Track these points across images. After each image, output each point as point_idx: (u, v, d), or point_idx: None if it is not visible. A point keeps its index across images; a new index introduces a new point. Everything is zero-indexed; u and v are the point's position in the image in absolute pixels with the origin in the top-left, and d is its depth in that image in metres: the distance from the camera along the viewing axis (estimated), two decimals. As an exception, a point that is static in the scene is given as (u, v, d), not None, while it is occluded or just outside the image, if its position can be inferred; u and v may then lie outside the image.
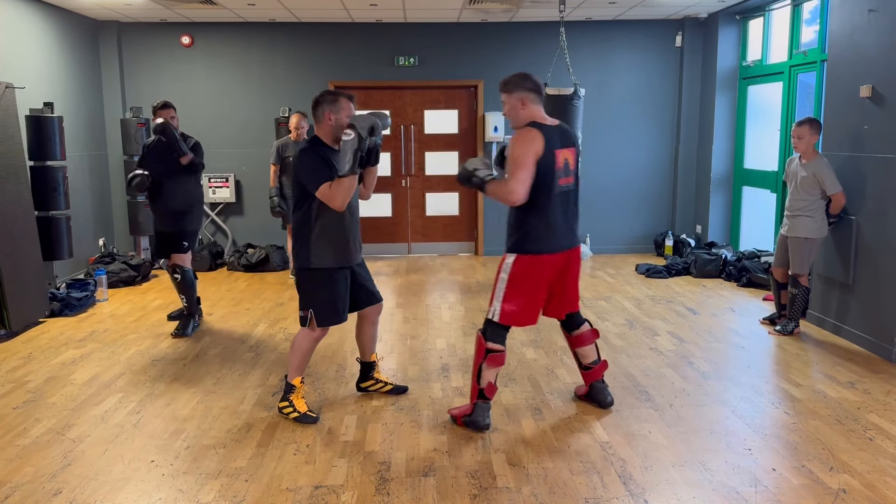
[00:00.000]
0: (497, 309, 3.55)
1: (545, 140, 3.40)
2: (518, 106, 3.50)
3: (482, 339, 3.59)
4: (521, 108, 3.50)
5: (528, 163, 3.36)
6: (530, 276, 3.52)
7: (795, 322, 5.31)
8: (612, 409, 3.91)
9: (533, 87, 3.49)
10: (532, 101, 3.50)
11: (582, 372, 3.96)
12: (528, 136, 3.41)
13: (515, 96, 3.50)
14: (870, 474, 3.16)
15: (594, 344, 3.93)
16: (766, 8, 7.41)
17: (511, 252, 3.55)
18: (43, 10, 7.04)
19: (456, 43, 8.51)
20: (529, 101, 3.49)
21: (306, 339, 3.77)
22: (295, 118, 6.99)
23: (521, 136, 3.43)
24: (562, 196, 3.51)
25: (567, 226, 3.57)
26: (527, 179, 3.37)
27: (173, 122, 5.38)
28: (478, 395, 3.62)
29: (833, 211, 5.12)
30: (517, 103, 3.50)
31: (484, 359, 3.57)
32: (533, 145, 3.38)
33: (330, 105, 3.63)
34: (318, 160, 3.55)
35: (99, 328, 5.64)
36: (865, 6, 4.97)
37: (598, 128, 8.44)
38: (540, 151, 3.38)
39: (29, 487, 3.10)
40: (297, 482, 3.13)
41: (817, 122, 5.14)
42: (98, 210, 8.02)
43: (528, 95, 3.49)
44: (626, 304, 6.34)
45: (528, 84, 3.49)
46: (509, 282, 3.53)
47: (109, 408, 4.00)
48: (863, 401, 4.02)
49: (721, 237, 8.34)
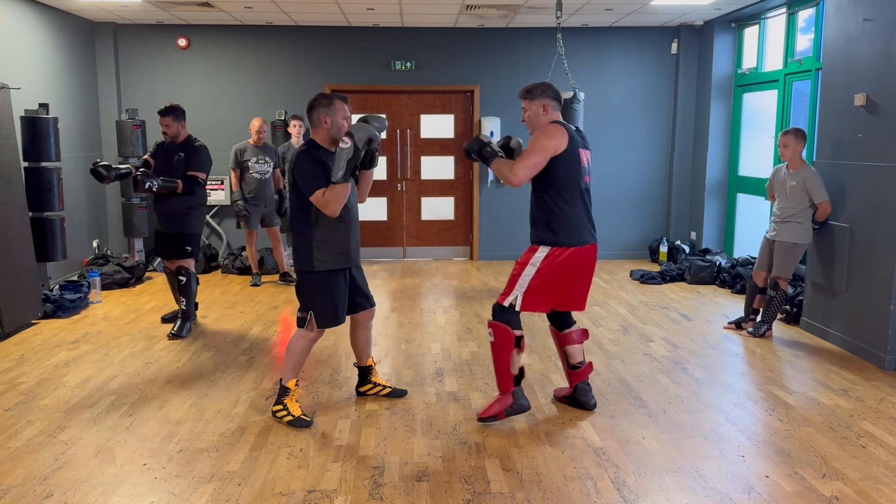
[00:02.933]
0: (519, 297, 3.65)
1: (570, 137, 3.60)
2: (540, 112, 3.70)
3: (507, 328, 3.66)
4: (543, 114, 3.70)
5: (543, 152, 3.54)
6: (560, 267, 3.66)
7: (768, 325, 5.40)
8: (606, 415, 3.91)
9: (555, 95, 3.72)
10: (553, 109, 3.71)
11: (568, 372, 4.01)
12: (554, 130, 3.60)
13: (538, 103, 3.70)
14: (862, 482, 3.17)
15: (581, 344, 3.98)
16: (761, 16, 7.45)
17: (543, 244, 3.66)
18: (39, 10, 7.02)
19: (452, 48, 8.53)
20: (551, 107, 3.70)
21: (303, 340, 3.77)
22: (257, 122, 7.03)
23: (548, 128, 3.62)
24: (586, 193, 3.73)
25: (590, 222, 3.76)
26: (534, 167, 3.54)
27: (169, 131, 5.31)
28: (514, 381, 3.75)
29: (819, 219, 5.24)
30: (539, 109, 3.70)
31: (517, 346, 3.68)
32: (555, 139, 3.56)
33: (325, 108, 3.65)
34: (315, 165, 3.56)
35: (92, 330, 5.61)
36: (860, 15, 5.00)
37: (593, 133, 8.43)
38: (563, 146, 3.56)
39: (20, 490, 3.08)
40: (291, 486, 3.12)
41: (802, 132, 5.26)
42: (92, 212, 7.99)
43: (550, 102, 3.70)
44: (620, 309, 6.35)
45: (550, 93, 3.72)
46: (539, 273, 3.64)
47: (102, 410, 3.98)
48: (856, 408, 4.03)
49: (715, 244, 8.36)
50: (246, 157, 7.03)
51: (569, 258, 3.66)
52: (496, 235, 8.89)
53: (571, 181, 3.63)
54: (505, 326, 3.67)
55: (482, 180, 8.79)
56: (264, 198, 7.12)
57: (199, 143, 5.43)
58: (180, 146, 5.36)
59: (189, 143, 5.39)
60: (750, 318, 5.60)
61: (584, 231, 3.71)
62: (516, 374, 3.76)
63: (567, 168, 3.60)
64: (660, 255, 8.47)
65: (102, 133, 8.25)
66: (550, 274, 3.66)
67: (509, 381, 3.74)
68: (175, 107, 5.34)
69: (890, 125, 4.70)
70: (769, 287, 5.37)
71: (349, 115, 3.72)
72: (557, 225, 3.65)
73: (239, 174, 7.07)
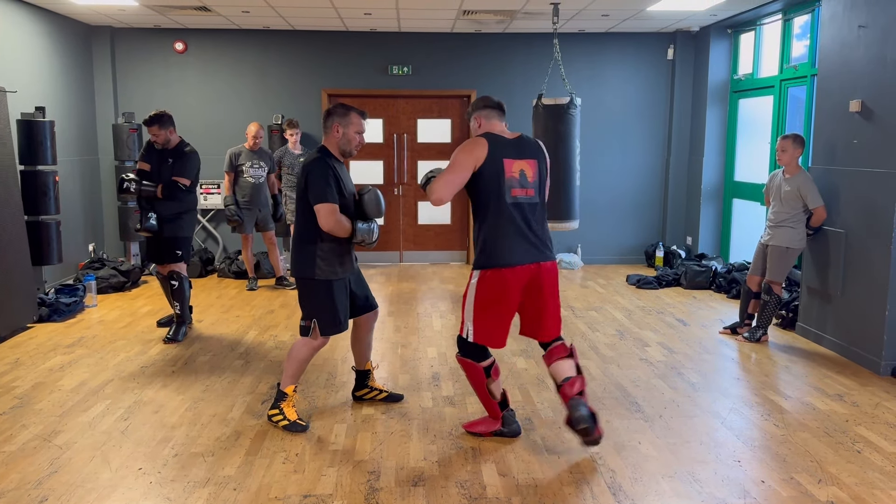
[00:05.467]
0: (470, 329, 3.48)
1: (490, 147, 3.38)
2: (476, 127, 3.57)
3: (470, 362, 3.53)
4: (478, 128, 3.55)
5: (461, 168, 3.37)
6: (494, 292, 3.40)
7: (763, 329, 5.41)
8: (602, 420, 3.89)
9: (488, 104, 3.55)
10: (488, 118, 3.54)
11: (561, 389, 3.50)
12: (471, 144, 3.43)
13: (473, 119, 3.58)
14: (858, 487, 3.17)
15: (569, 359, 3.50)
16: (757, 22, 7.48)
17: (475, 269, 3.46)
18: (36, 14, 7.02)
19: (450, 53, 8.55)
20: (484, 118, 3.54)
21: (306, 348, 3.77)
22: (253, 127, 7.04)
23: (466, 143, 3.46)
24: (518, 208, 3.40)
25: (531, 240, 3.42)
26: (452, 182, 3.36)
27: (159, 139, 5.31)
28: (500, 406, 3.64)
29: (813, 224, 5.27)
30: (475, 125, 3.57)
31: (488, 376, 3.55)
32: (473, 152, 3.38)
33: (340, 118, 3.72)
34: (329, 176, 3.61)
35: (87, 334, 5.60)
36: (855, 22, 5.03)
37: (590, 139, 8.46)
38: (482, 158, 3.36)
39: (14, 494, 3.07)
40: (286, 491, 3.11)
41: (801, 138, 5.29)
42: (88, 215, 7.98)
43: (482, 113, 3.54)
44: (616, 314, 6.35)
45: (480, 104, 3.57)
46: (476, 300, 3.44)
47: (97, 414, 3.97)
48: (851, 413, 4.04)
49: (711, 249, 8.38)
50: (241, 161, 7.03)
51: (499, 281, 3.36)
52: (493, 240, 8.87)
53: (495, 196, 3.36)
54: (469, 361, 3.53)
55: (479, 185, 8.78)
56: (258, 202, 7.12)
57: (190, 148, 5.45)
58: (171, 152, 5.38)
59: (179, 148, 5.41)
60: (745, 323, 5.61)
61: (517, 250, 3.37)
62: (499, 399, 3.63)
63: (488, 182, 3.36)
64: (656, 259, 8.49)
65: (99, 137, 8.24)
66: (487, 300, 3.41)
67: (494, 407, 3.63)
68: (160, 115, 5.33)
69: (885, 131, 4.73)
70: (763, 292, 5.39)
71: (363, 130, 3.79)
72: (484, 245, 3.41)
73: (233, 178, 7.07)
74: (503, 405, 3.65)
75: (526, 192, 3.43)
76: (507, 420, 3.66)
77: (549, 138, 6.47)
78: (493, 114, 3.55)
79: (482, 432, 3.67)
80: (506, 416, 3.66)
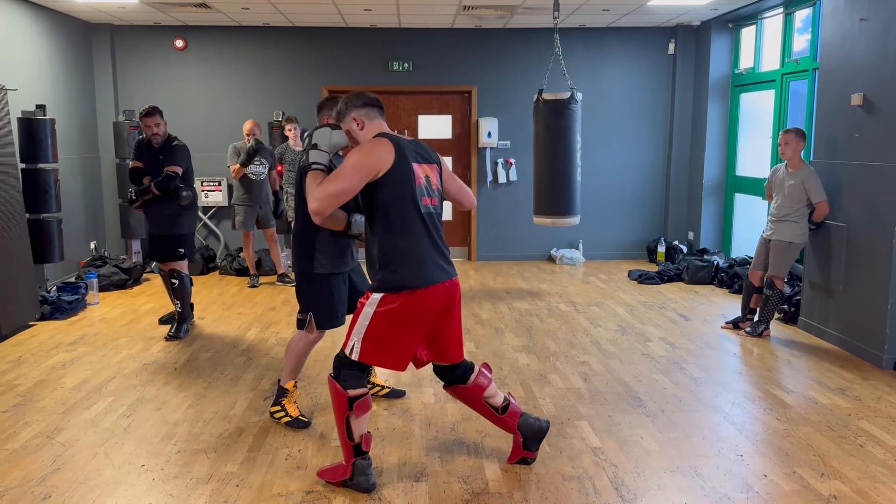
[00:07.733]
0: (356, 346, 2.96)
1: (396, 150, 2.90)
2: (355, 128, 3.04)
3: (337, 386, 2.98)
4: (360, 130, 3.04)
5: (355, 175, 2.83)
6: (404, 315, 2.91)
7: (766, 324, 5.41)
8: (604, 415, 3.91)
9: (367, 101, 3.04)
10: (369, 117, 3.04)
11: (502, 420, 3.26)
12: (373, 147, 2.90)
13: (349, 120, 3.04)
14: (860, 481, 3.17)
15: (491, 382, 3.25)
16: (758, 16, 7.46)
17: (379, 290, 2.93)
18: (36, 12, 7.01)
19: (450, 48, 8.53)
20: (365, 117, 3.03)
21: (303, 342, 3.77)
22: (248, 124, 7.06)
23: (365, 145, 2.94)
24: (430, 218, 2.99)
25: (444, 253, 3.03)
26: (340, 194, 2.82)
27: (158, 130, 5.30)
28: (353, 451, 3.03)
29: (816, 219, 5.25)
30: (353, 125, 3.04)
31: (350, 409, 2.97)
32: (372, 157, 2.86)
33: (329, 111, 3.69)
34: None
35: (89, 332, 5.60)
36: (857, 15, 5.01)
37: (591, 134, 8.45)
38: (389, 161, 2.87)
39: (18, 492, 3.08)
40: (289, 487, 3.12)
41: (803, 132, 5.28)
42: (90, 213, 7.98)
43: (361, 112, 3.02)
44: (618, 309, 6.35)
45: (358, 102, 3.03)
46: (375, 318, 2.92)
47: (100, 412, 3.97)
48: (853, 407, 4.04)
49: (713, 244, 8.37)
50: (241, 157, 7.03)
51: (415, 304, 2.90)
52: (494, 236, 8.89)
53: (404, 206, 2.90)
54: (335, 385, 2.99)
55: (480, 181, 8.79)
56: (259, 199, 7.12)
57: (178, 141, 5.42)
58: (162, 149, 5.36)
59: (168, 143, 5.39)
60: (747, 318, 5.61)
61: (430, 267, 2.94)
62: (357, 442, 3.02)
63: (397, 189, 2.88)
64: (657, 255, 8.48)
65: (99, 134, 8.24)
66: (391, 323, 2.91)
67: (347, 449, 3.04)
68: (155, 106, 5.37)
69: (886, 125, 4.71)
70: (765, 286, 5.38)
71: None
72: (390, 262, 2.91)
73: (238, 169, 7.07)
74: (359, 450, 3.04)
75: (432, 200, 3.02)
76: (358, 469, 3.04)
77: (550, 133, 6.48)
78: (374, 112, 3.05)
79: (332, 481, 3.11)
80: (358, 464, 3.04)
